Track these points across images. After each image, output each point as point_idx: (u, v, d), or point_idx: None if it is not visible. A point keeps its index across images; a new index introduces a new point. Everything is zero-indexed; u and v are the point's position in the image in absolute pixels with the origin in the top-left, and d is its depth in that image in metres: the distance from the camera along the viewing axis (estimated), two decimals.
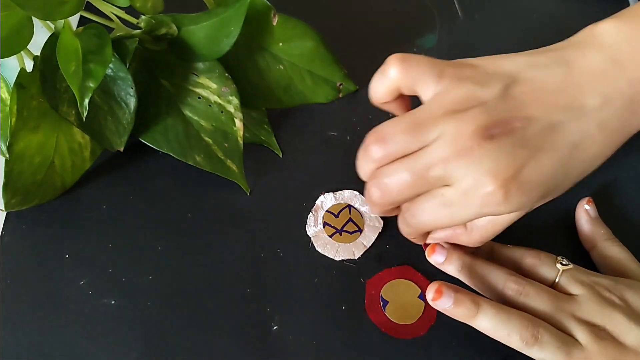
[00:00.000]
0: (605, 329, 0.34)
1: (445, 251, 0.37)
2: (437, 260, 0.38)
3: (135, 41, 0.38)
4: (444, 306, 0.34)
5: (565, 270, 0.36)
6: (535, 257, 0.37)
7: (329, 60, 0.45)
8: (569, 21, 0.52)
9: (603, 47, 0.32)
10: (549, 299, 0.35)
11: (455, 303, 0.34)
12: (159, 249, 0.40)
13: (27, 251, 0.40)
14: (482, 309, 0.34)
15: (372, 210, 0.41)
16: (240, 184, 0.42)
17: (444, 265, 0.38)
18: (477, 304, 0.34)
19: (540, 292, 0.35)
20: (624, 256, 0.38)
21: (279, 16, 0.42)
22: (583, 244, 0.41)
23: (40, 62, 0.37)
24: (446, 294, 0.34)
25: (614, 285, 0.35)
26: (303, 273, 0.40)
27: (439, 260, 0.38)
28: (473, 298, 0.34)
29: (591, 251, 0.40)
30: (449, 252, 0.37)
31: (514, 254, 0.38)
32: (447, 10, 0.52)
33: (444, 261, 0.37)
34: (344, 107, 0.46)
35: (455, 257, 0.37)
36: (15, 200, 0.39)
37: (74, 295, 0.39)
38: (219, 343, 0.37)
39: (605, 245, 0.39)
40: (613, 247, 0.39)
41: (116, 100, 0.39)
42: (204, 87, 0.41)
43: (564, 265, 0.36)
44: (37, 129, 0.38)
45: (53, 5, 0.35)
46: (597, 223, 0.40)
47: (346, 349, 0.37)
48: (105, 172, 0.43)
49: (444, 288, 0.34)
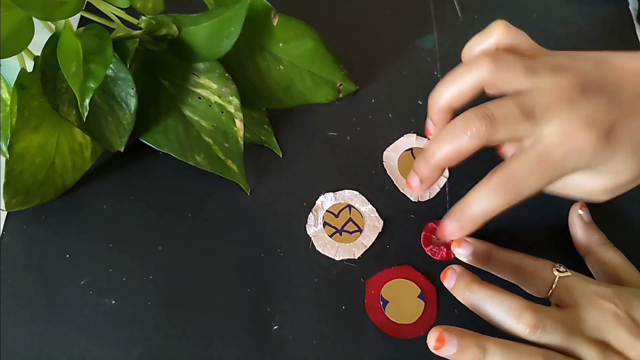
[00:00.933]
0: (610, 345, 0.32)
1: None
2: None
3: (135, 42, 0.38)
4: (448, 354, 0.32)
5: (562, 277, 0.35)
6: (532, 264, 0.36)
7: (329, 61, 0.45)
8: (568, 21, 0.52)
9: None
10: (563, 330, 0.32)
11: (460, 350, 0.32)
12: (159, 249, 0.40)
13: (27, 251, 0.40)
14: (489, 353, 0.32)
15: (434, 156, 0.36)
16: (240, 184, 0.42)
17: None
18: (483, 348, 0.32)
19: (556, 324, 0.32)
20: (620, 261, 0.38)
21: (279, 16, 0.42)
22: (578, 250, 0.40)
23: (41, 62, 0.37)
24: (448, 341, 0.32)
25: (617, 295, 0.34)
26: (303, 273, 0.40)
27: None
28: (478, 341, 0.32)
29: (586, 257, 0.39)
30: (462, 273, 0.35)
31: (512, 259, 0.37)
32: (447, 10, 0.52)
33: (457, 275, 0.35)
34: (344, 107, 0.46)
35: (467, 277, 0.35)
36: (15, 200, 0.39)
37: (74, 295, 0.39)
38: (219, 343, 0.38)
39: (600, 250, 0.38)
40: (608, 252, 0.38)
41: (117, 101, 0.39)
42: (204, 88, 0.41)
43: (561, 272, 0.35)
44: (38, 129, 0.38)
45: (53, 6, 0.35)
46: (591, 228, 0.40)
47: (346, 349, 0.38)
48: (105, 173, 0.43)
49: (446, 335, 0.32)
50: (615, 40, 0.51)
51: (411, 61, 0.49)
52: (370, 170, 0.44)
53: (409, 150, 0.44)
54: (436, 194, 0.43)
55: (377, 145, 0.45)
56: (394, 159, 0.44)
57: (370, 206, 0.42)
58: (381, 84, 0.48)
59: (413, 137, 0.45)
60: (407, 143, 0.45)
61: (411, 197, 0.43)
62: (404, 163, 0.44)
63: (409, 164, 0.44)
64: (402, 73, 0.48)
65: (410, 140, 0.45)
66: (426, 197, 0.43)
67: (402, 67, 0.49)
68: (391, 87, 0.48)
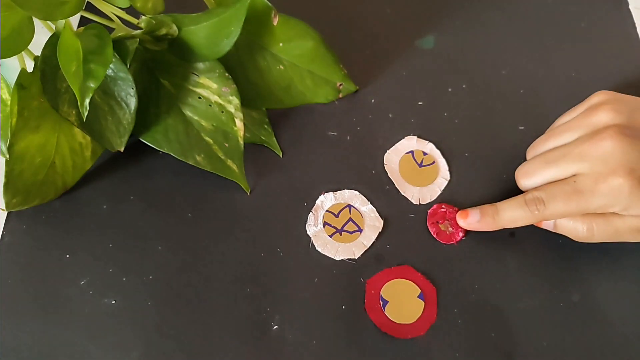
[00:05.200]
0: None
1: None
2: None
3: (135, 41, 0.38)
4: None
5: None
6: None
7: (329, 61, 0.45)
8: (568, 22, 0.52)
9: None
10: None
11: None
12: (159, 249, 0.40)
13: (27, 251, 0.40)
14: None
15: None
16: (240, 183, 0.42)
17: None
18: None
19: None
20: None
21: (279, 16, 0.42)
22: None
23: (41, 62, 0.37)
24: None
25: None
26: (303, 273, 0.40)
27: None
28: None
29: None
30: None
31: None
32: (446, 11, 0.52)
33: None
34: (344, 107, 0.46)
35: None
36: (16, 200, 0.39)
37: (75, 295, 0.39)
38: (219, 343, 0.38)
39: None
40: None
41: (116, 101, 0.39)
42: (204, 87, 0.41)
43: None
44: (38, 129, 0.38)
45: (53, 6, 0.35)
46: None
47: (346, 348, 0.38)
48: (105, 172, 0.43)
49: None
50: (616, 41, 0.51)
51: (411, 61, 0.49)
52: (371, 170, 0.44)
53: (410, 153, 0.44)
54: (437, 196, 0.43)
55: (377, 145, 0.45)
56: (395, 161, 0.44)
57: (371, 206, 0.42)
58: (381, 84, 0.48)
59: (414, 139, 0.45)
60: (408, 146, 0.45)
61: (412, 199, 0.43)
62: (404, 165, 0.44)
63: (410, 166, 0.44)
64: (402, 73, 0.48)
65: (410, 143, 0.45)
66: (427, 200, 0.43)
67: (402, 68, 0.49)
68: (391, 87, 0.48)
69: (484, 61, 0.49)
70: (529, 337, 0.38)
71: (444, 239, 0.41)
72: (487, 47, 0.50)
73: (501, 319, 0.38)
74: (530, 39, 0.51)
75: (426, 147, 0.44)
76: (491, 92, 0.48)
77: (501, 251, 0.41)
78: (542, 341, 0.38)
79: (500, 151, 0.45)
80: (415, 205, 0.42)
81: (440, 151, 0.44)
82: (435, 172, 0.44)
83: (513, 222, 0.39)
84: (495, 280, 0.40)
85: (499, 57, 0.50)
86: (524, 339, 0.38)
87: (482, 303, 0.39)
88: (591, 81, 0.48)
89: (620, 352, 0.38)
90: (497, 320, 0.38)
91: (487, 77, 0.48)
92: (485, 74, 0.49)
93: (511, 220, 0.39)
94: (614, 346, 0.38)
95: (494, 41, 0.51)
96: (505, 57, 0.50)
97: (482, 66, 0.49)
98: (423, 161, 0.44)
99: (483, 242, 0.41)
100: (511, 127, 0.46)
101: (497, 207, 0.39)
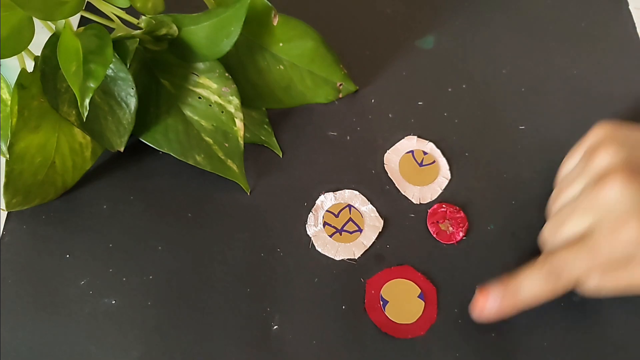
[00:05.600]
0: None
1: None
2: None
3: (135, 41, 0.38)
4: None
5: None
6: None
7: (329, 61, 0.45)
8: (568, 22, 0.52)
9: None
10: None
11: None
12: (159, 249, 0.40)
13: (27, 251, 0.40)
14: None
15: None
16: (240, 183, 0.42)
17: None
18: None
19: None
20: None
21: (279, 16, 0.42)
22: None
23: (41, 62, 0.37)
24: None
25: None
26: (303, 273, 0.40)
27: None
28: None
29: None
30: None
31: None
32: (446, 11, 0.52)
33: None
34: (344, 107, 0.46)
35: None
36: (16, 200, 0.39)
37: (75, 295, 0.39)
38: (219, 343, 0.37)
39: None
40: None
41: (117, 101, 0.39)
42: (204, 87, 0.41)
43: None
44: (38, 129, 0.38)
45: (53, 6, 0.35)
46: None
47: (346, 348, 0.37)
48: (106, 172, 0.43)
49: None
50: (616, 41, 0.51)
51: (411, 61, 0.49)
52: (370, 170, 0.44)
53: (410, 153, 0.44)
54: (438, 195, 0.43)
55: (377, 145, 0.45)
56: (394, 161, 0.44)
57: (371, 206, 0.42)
58: (381, 84, 0.48)
59: (414, 139, 0.45)
60: (408, 145, 0.45)
61: (412, 199, 0.43)
62: (405, 165, 0.44)
63: (410, 166, 0.44)
64: (402, 73, 0.48)
65: (411, 143, 0.45)
66: (428, 199, 0.43)
67: (402, 68, 0.49)
68: (391, 87, 0.48)
69: (484, 61, 0.49)
70: (529, 337, 0.38)
71: (444, 239, 0.41)
72: (487, 46, 0.50)
73: (501, 319, 0.38)
74: (530, 39, 0.51)
75: (426, 147, 0.44)
76: (491, 91, 0.48)
77: (501, 251, 0.41)
78: (542, 342, 0.38)
79: (501, 150, 0.45)
80: (415, 205, 0.42)
81: (440, 150, 0.44)
82: (435, 171, 0.44)
83: (536, 300, 0.36)
84: (496, 280, 0.40)
85: (499, 56, 0.50)
86: (524, 339, 0.38)
87: None
88: (591, 81, 0.48)
89: (621, 353, 0.38)
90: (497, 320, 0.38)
91: (487, 76, 0.48)
92: (486, 73, 0.49)
93: (534, 299, 0.36)
94: (614, 347, 0.38)
95: (494, 41, 0.51)
96: (505, 57, 0.50)
97: (482, 66, 0.49)
98: (423, 160, 0.44)
99: (483, 242, 0.41)
100: (511, 126, 0.46)
101: (517, 287, 0.36)
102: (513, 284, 0.36)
